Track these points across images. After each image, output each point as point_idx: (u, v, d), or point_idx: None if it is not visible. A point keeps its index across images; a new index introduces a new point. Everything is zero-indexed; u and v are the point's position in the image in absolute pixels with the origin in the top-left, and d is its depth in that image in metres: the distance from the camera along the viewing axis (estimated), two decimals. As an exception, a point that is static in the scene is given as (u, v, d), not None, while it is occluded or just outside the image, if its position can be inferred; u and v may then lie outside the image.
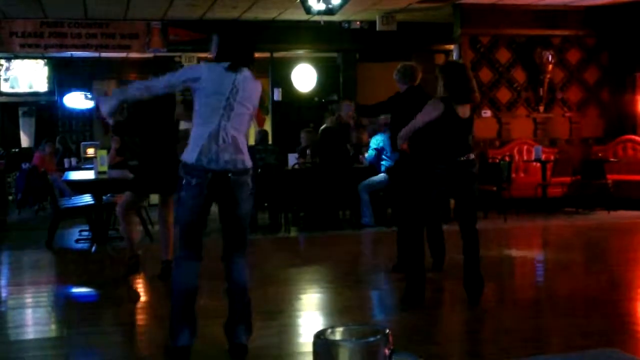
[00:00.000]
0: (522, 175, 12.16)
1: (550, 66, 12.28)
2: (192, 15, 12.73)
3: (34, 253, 8.90)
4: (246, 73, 4.41)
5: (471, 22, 12.21)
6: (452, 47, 12.68)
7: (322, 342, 1.33)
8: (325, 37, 13.76)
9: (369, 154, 10.32)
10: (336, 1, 9.95)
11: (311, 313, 5.98)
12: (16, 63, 16.09)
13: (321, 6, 10.01)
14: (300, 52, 14.97)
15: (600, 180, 11.52)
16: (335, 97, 14.90)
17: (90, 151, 13.15)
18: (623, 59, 12.58)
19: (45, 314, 6.07)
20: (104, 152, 9.42)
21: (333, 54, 14.93)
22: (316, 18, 11.98)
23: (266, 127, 15.73)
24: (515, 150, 12.25)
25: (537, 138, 12.49)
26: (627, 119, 12.62)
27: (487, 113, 12.35)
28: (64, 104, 16.87)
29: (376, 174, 10.09)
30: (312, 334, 1.38)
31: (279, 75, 15.18)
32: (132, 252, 7.01)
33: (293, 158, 10.93)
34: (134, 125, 7.13)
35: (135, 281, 7.06)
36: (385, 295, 6.59)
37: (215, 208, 4.56)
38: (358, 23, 13.52)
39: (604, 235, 10.00)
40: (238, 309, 4.44)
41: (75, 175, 9.85)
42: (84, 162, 12.59)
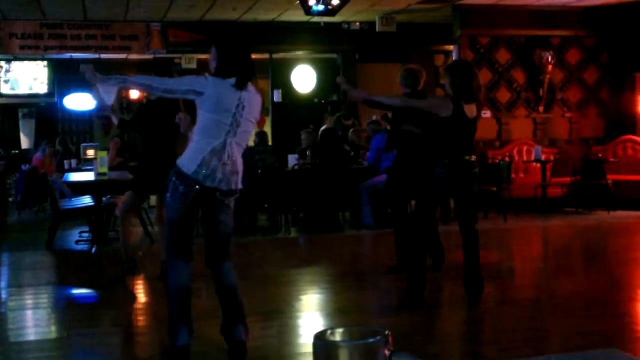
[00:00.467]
0: (522, 175, 12.16)
1: (549, 66, 12.28)
2: (192, 16, 12.74)
3: (34, 254, 8.90)
4: (250, 88, 4.42)
5: (470, 23, 12.22)
6: (452, 48, 12.69)
7: (322, 343, 1.34)
8: (324, 38, 13.76)
9: (370, 155, 10.31)
10: (336, 2, 9.95)
11: (311, 314, 5.98)
12: (16, 64, 16.09)
13: (321, 7, 10.01)
14: (299, 53, 14.97)
15: (600, 180, 11.52)
16: (335, 98, 14.91)
17: (90, 152, 13.15)
18: (622, 59, 12.58)
19: (45, 315, 6.07)
20: (104, 154, 9.43)
21: (333, 55, 14.93)
22: (316, 19, 11.98)
23: (266, 128, 15.75)
24: (515, 150, 12.25)
25: (537, 138, 12.49)
26: (627, 119, 12.62)
27: (487, 113, 12.35)
28: (64, 106, 16.88)
29: (376, 175, 10.09)
30: (312, 335, 1.38)
31: (279, 76, 15.19)
32: (127, 255, 7.01)
33: (293, 159, 10.93)
34: (139, 124, 7.13)
35: (135, 282, 7.06)
36: (385, 295, 6.59)
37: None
38: (358, 24, 13.52)
39: (604, 235, 10.00)
40: (232, 310, 4.47)
41: (75, 176, 9.86)
42: (84, 164, 12.59)
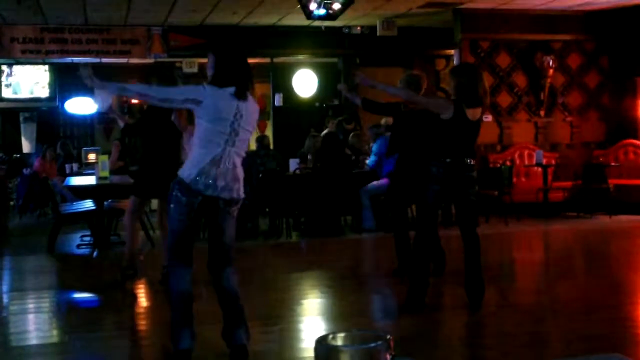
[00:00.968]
0: (523, 179, 12.15)
1: (550, 71, 12.29)
2: (193, 20, 12.75)
3: (35, 258, 8.90)
4: (249, 97, 4.42)
5: (471, 27, 12.22)
6: (453, 52, 12.70)
7: (324, 348, 1.34)
8: (325, 42, 13.78)
9: (371, 159, 10.30)
10: (337, 6, 9.96)
11: (312, 318, 5.97)
12: (17, 69, 16.12)
13: (322, 11, 10.01)
14: (301, 58, 14.98)
15: (601, 184, 11.52)
16: (336, 102, 14.92)
17: (91, 157, 13.16)
18: (623, 64, 12.58)
19: (46, 320, 6.07)
20: (105, 158, 9.44)
21: (334, 59, 14.94)
22: (317, 23, 12.01)
23: (267, 132, 15.78)
24: (516, 154, 12.25)
25: (538, 142, 12.49)
26: (628, 123, 12.61)
27: (488, 117, 12.34)
28: (65, 110, 16.90)
29: (377, 179, 10.09)
30: (314, 340, 1.38)
31: (280, 80, 15.21)
32: (129, 262, 7.00)
33: (294, 163, 10.93)
34: (142, 128, 7.14)
35: (136, 286, 7.06)
36: (386, 299, 6.58)
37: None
38: (359, 28, 13.53)
39: (605, 239, 9.99)
40: (233, 315, 4.48)
41: (76, 180, 9.86)
42: (85, 168, 12.59)
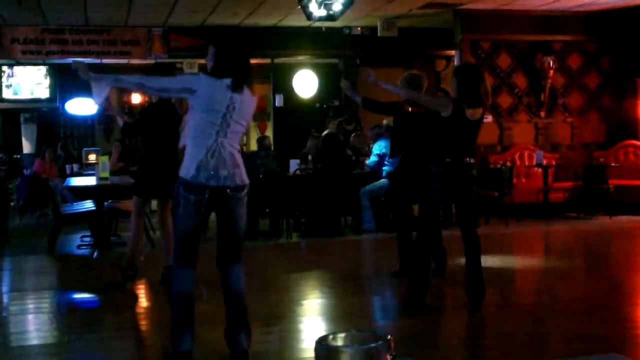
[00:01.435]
0: (524, 180, 12.15)
1: (551, 71, 12.30)
2: (193, 21, 12.76)
3: (36, 259, 8.90)
4: (245, 91, 4.39)
5: (472, 28, 12.23)
6: (453, 53, 12.70)
7: (324, 348, 1.34)
8: (326, 43, 13.78)
9: (371, 160, 10.31)
10: (337, 7, 9.96)
11: (312, 319, 5.97)
12: (18, 70, 16.12)
13: (322, 12, 10.01)
14: (301, 58, 14.98)
15: (601, 185, 11.52)
16: (336, 103, 14.92)
17: (91, 157, 13.16)
18: (624, 64, 12.59)
19: (46, 320, 6.07)
20: (106, 158, 9.44)
21: (334, 60, 14.94)
22: (317, 24, 12.01)
23: (267, 133, 15.78)
24: (516, 155, 12.25)
25: (539, 143, 12.49)
26: (628, 124, 12.61)
27: (488, 118, 12.34)
28: (66, 111, 16.90)
29: (377, 180, 10.09)
30: (314, 340, 1.39)
31: (280, 81, 15.21)
32: (129, 262, 7.00)
33: (294, 164, 10.93)
34: (141, 128, 7.13)
35: (136, 287, 7.06)
36: (386, 300, 6.58)
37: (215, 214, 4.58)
38: (359, 29, 13.53)
39: (606, 240, 9.99)
40: (237, 316, 4.46)
41: (76, 181, 9.86)
42: (86, 168, 12.60)
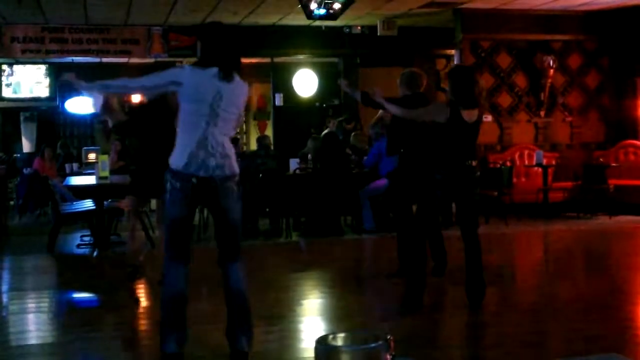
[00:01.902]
0: (523, 180, 12.15)
1: (551, 71, 12.29)
2: (193, 20, 12.74)
3: (35, 258, 8.90)
4: (235, 79, 4.36)
5: (472, 27, 12.23)
6: (453, 52, 12.70)
7: (324, 348, 1.33)
8: (326, 42, 13.78)
9: (367, 158, 10.35)
10: (337, 6, 9.96)
11: (312, 318, 5.97)
12: (18, 68, 16.10)
13: (322, 11, 10.01)
14: (301, 57, 14.98)
15: (601, 185, 11.52)
16: (336, 102, 14.92)
17: (91, 156, 13.16)
18: (624, 64, 12.59)
19: (46, 319, 6.07)
20: (105, 158, 9.43)
21: (334, 59, 14.94)
22: (317, 23, 12.01)
23: (267, 132, 15.78)
24: (516, 155, 12.25)
25: (538, 143, 12.49)
26: (628, 124, 12.62)
27: (488, 118, 12.34)
28: (65, 110, 16.89)
29: (377, 179, 10.09)
30: (314, 340, 1.38)
31: (280, 80, 15.21)
32: (130, 261, 6.99)
33: (294, 163, 10.93)
34: (134, 127, 7.11)
35: (136, 286, 7.05)
36: (386, 300, 6.58)
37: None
38: (359, 28, 13.53)
39: (605, 240, 9.99)
40: (237, 315, 4.42)
41: (76, 180, 9.86)
42: (85, 168, 12.59)
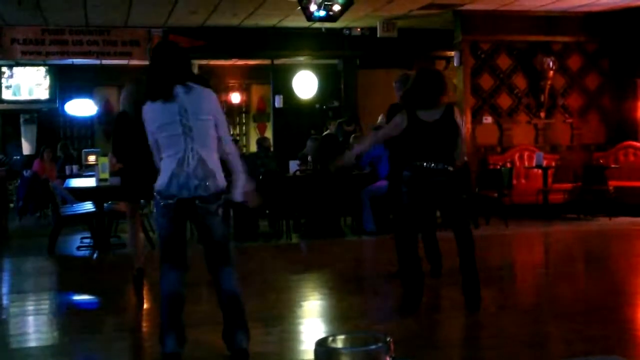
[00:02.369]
0: (523, 181, 12.15)
1: (551, 72, 12.29)
2: (193, 22, 12.76)
3: (35, 260, 8.90)
4: (192, 87, 4.32)
5: (472, 29, 12.23)
6: (453, 54, 12.70)
7: (324, 350, 1.33)
8: (326, 44, 13.78)
9: (363, 159, 10.38)
10: (337, 8, 9.96)
11: (312, 320, 5.97)
12: (17, 70, 16.11)
13: (322, 13, 10.02)
14: (301, 59, 14.99)
15: (601, 186, 11.52)
16: (336, 104, 14.92)
17: (91, 158, 13.15)
18: (624, 65, 12.59)
19: (46, 321, 6.07)
20: (105, 160, 9.41)
21: (334, 61, 14.95)
22: (317, 25, 12.01)
23: (267, 134, 15.79)
24: (516, 156, 12.25)
25: (538, 144, 12.50)
26: (628, 125, 12.62)
27: (488, 119, 12.36)
28: (65, 111, 16.91)
29: (377, 180, 10.10)
30: (314, 342, 1.38)
31: (280, 82, 15.22)
32: (135, 264, 6.97)
33: (294, 165, 10.93)
34: (119, 134, 7.03)
35: (136, 288, 7.04)
36: (386, 301, 6.58)
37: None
38: (359, 30, 13.54)
39: (605, 241, 9.99)
40: (233, 317, 4.44)
41: (76, 182, 9.86)
42: (85, 170, 12.59)
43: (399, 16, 12.46)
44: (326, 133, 11.29)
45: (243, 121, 18.27)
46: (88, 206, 9.52)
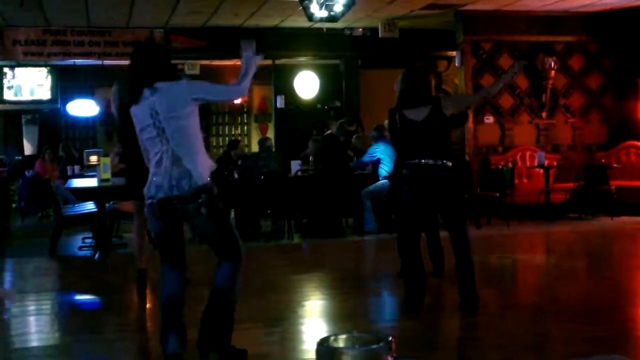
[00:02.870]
0: (525, 181, 12.15)
1: (552, 72, 12.29)
2: (195, 22, 12.76)
3: (37, 260, 8.90)
4: (152, 90, 4.28)
5: (473, 29, 12.23)
6: (454, 54, 12.70)
7: (325, 350, 1.34)
8: (327, 44, 13.78)
9: (358, 160, 10.42)
10: (338, 8, 9.97)
11: (314, 320, 5.97)
12: (19, 71, 16.11)
13: (323, 13, 10.02)
14: (302, 59, 14.98)
15: (603, 186, 11.51)
16: (337, 104, 14.92)
17: (93, 159, 13.15)
18: (625, 65, 12.58)
19: (48, 322, 6.08)
20: (107, 160, 9.43)
21: (335, 61, 14.94)
22: (318, 25, 12.01)
23: (269, 134, 15.79)
24: (518, 156, 12.24)
25: (540, 144, 12.49)
26: (630, 125, 12.61)
27: (490, 119, 12.35)
28: (67, 112, 16.92)
29: (378, 181, 10.10)
30: (315, 342, 1.38)
31: (282, 82, 15.21)
32: (137, 264, 6.96)
33: (296, 165, 10.94)
34: (124, 130, 7.03)
35: (138, 288, 7.04)
36: (388, 302, 6.58)
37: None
38: (360, 30, 13.54)
39: (607, 241, 9.99)
40: (211, 310, 4.41)
41: (78, 182, 9.87)
42: (87, 170, 12.60)
43: (400, 16, 12.46)
44: (327, 133, 11.28)
45: (245, 122, 18.29)
46: (90, 206, 9.53)
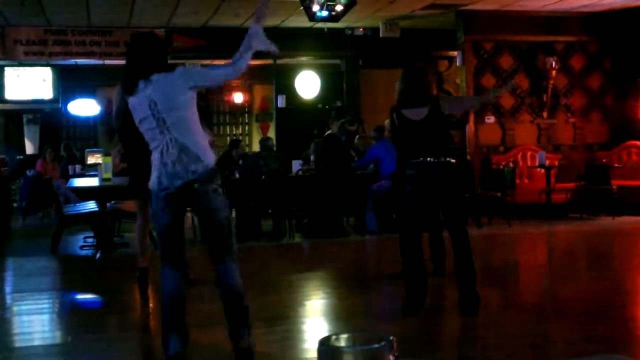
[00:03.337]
0: (526, 181, 12.15)
1: (553, 72, 12.30)
2: (196, 22, 12.77)
3: (39, 260, 8.90)
4: (154, 78, 4.25)
5: (474, 29, 12.24)
6: (455, 54, 12.71)
7: (327, 349, 1.34)
8: (328, 44, 13.79)
9: (359, 160, 10.42)
10: (339, 8, 9.97)
11: (315, 319, 5.97)
12: (20, 70, 16.12)
13: (325, 13, 10.03)
14: (303, 59, 14.99)
15: (604, 185, 11.51)
16: (339, 104, 14.92)
17: (94, 158, 13.16)
18: (626, 65, 12.58)
19: (49, 321, 6.08)
20: (108, 159, 9.43)
21: (336, 61, 14.95)
22: (320, 25, 12.00)
23: (270, 134, 15.79)
24: (519, 156, 12.25)
25: (541, 144, 12.49)
26: (631, 125, 12.62)
27: (491, 119, 12.36)
28: (68, 111, 16.93)
29: (380, 180, 10.10)
30: (317, 341, 1.38)
31: (283, 82, 15.22)
32: (139, 264, 6.96)
33: (297, 164, 10.94)
34: (125, 129, 7.03)
35: (139, 288, 7.05)
36: (389, 301, 6.58)
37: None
38: (361, 30, 13.54)
39: (609, 240, 9.99)
40: (235, 314, 4.38)
41: (79, 182, 9.87)
42: (88, 169, 12.61)
43: (401, 16, 12.46)
44: (328, 133, 11.28)
45: (246, 121, 18.29)
46: (91, 206, 9.54)
